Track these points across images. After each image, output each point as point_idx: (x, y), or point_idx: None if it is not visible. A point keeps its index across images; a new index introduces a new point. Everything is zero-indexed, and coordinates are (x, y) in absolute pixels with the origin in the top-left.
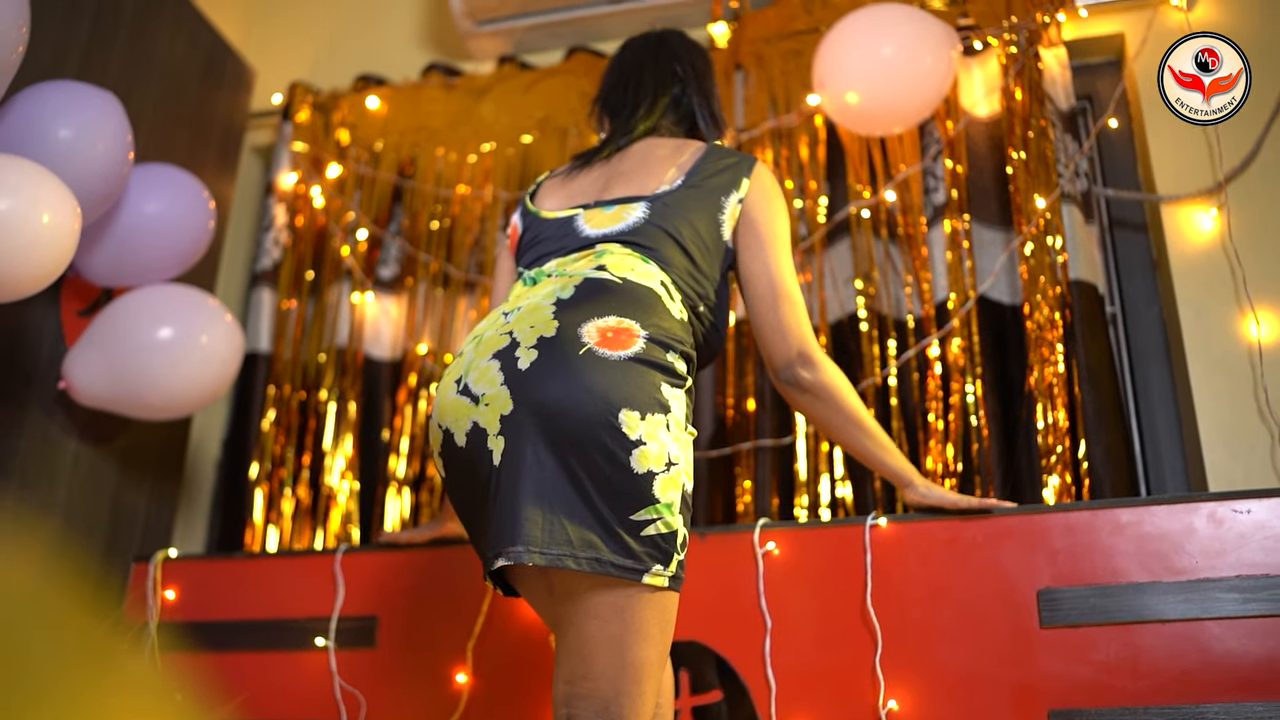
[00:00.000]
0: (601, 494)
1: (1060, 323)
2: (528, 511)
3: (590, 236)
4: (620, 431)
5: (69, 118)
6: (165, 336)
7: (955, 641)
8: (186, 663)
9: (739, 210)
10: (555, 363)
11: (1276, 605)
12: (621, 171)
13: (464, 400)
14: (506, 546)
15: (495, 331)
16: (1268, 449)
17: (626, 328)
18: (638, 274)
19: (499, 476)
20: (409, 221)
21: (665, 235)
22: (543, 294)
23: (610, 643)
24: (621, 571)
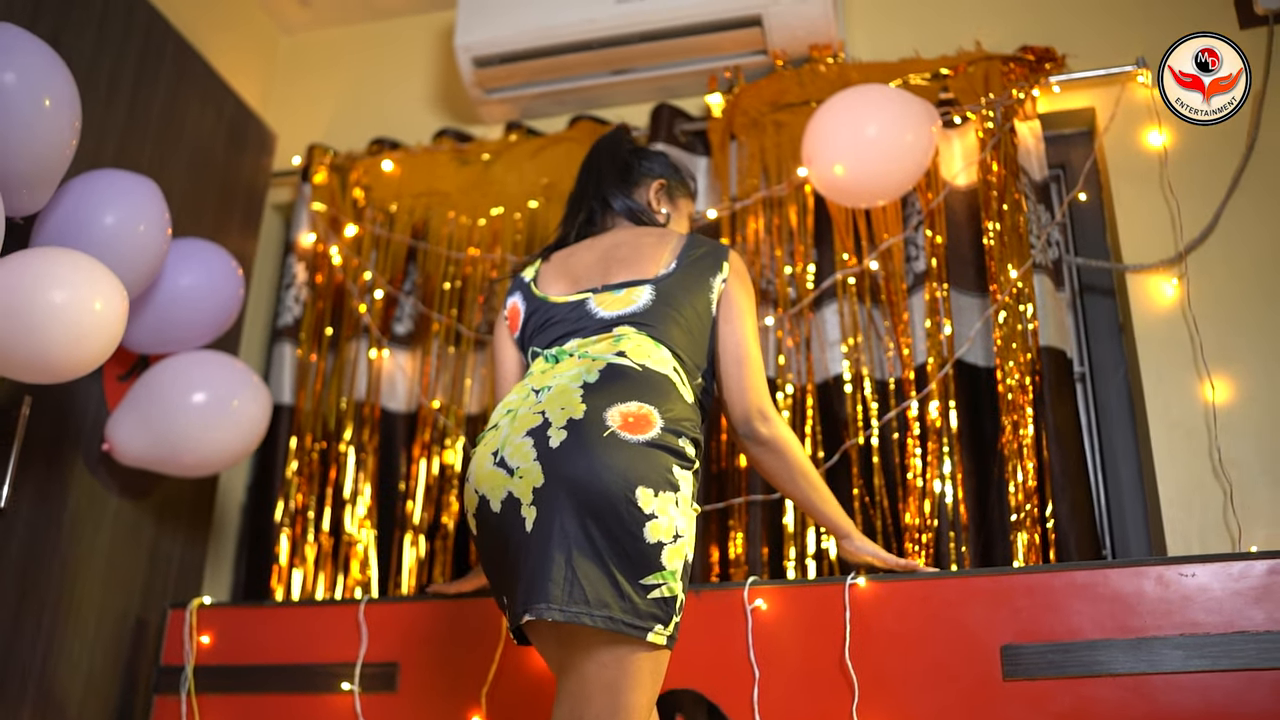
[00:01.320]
0: (617, 559)
1: (1030, 387)
2: (553, 574)
3: (605, 318)
4: (636, 506)
5: (112, 205)
6: (199, 401)
7: (925, 691)
8: (221, 704)
9: (722, 288)
10: (582, 442)
11: (1214, 662)
12: (619, 259)
13: (500, 472)
14: (534, 604)
15: (528, 410)
16: (1220, 506)
17: (645, 414)
18: (654, 361)
19: (530, 542)
20: (422, 280)
21: (670, 313)
22: (569, 375)
23: (607, 688)
24: (629, 629)
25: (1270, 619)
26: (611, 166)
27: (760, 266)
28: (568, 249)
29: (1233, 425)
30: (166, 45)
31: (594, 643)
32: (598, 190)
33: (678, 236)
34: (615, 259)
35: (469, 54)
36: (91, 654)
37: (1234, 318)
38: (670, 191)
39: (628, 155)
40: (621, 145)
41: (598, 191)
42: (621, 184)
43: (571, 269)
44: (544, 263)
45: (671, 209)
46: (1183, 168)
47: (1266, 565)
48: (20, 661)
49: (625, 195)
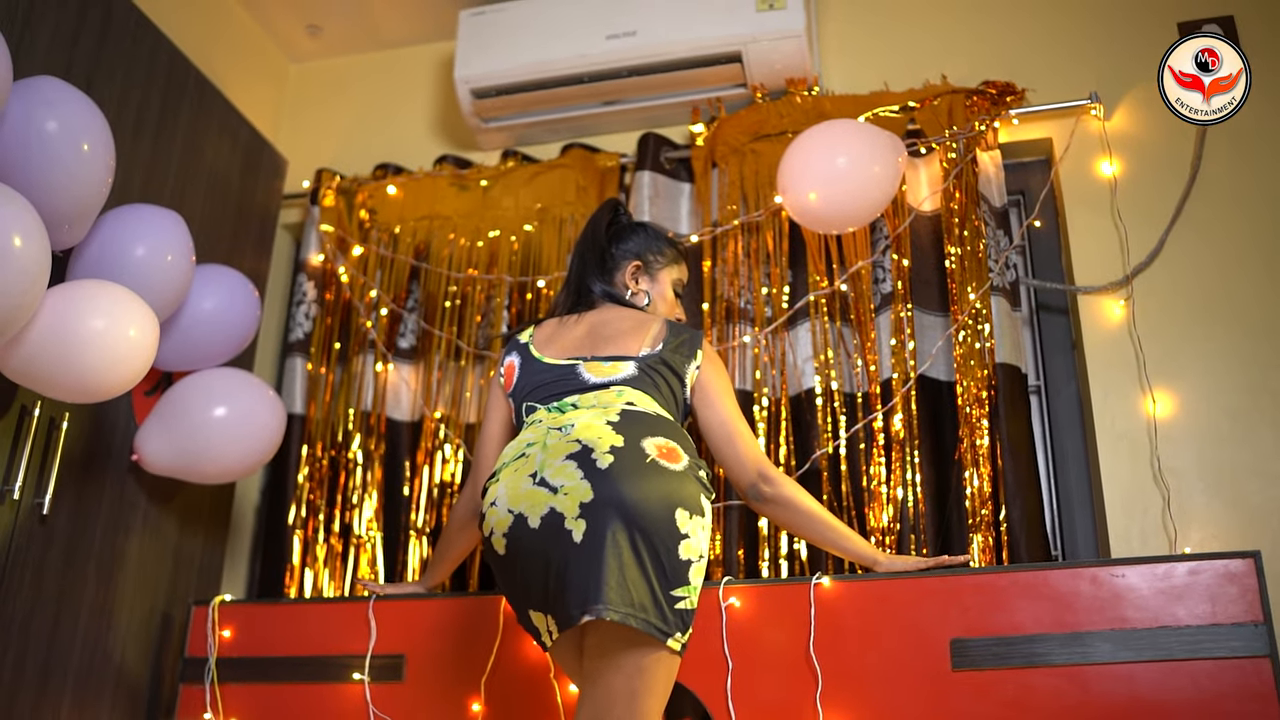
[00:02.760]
0: (657, 572)
1: (987, 400)
2: (608, 579)
3: (598, 382)
4: (676, 526)
5: (143, 238)
6: (220, 415)
7: (882, 681)
8: (243, 693)
9: (696, 375)
10: (630, 466)
11: (1140, 654)
12: (605, 336)
13: (541, 490)
14: (591, 605)
15: (559, 440)
16: (1159, 511)
17: (673, 448)
18: (659, 410)
19: (580, 551)
20: (424, 298)
21: (653, 384)
22: (589, 417)
23: (627, 695)
24: (659, 633)
25: (1191, 614)
26: (592, 254)
27: (739, 287)
28: (559, 320)
29: (1172, 436)
30: (187, 81)
31: (623, 647)
32: (580, 278)
33: (657, 324)
34: (601, 336)
35: (467, 86)
36: (124, 647)
37: (1175, 337)
38: (648, 268)
39: (605, 242)
40: (600, 231)
41: (581, 279)
42: (600, 272)
43: (561, 339)
44: (537, 329)
45: (650, 284)
46: (1131, 196)
47: (1187, 567)
48: (61, 655)
49: (605, 282)
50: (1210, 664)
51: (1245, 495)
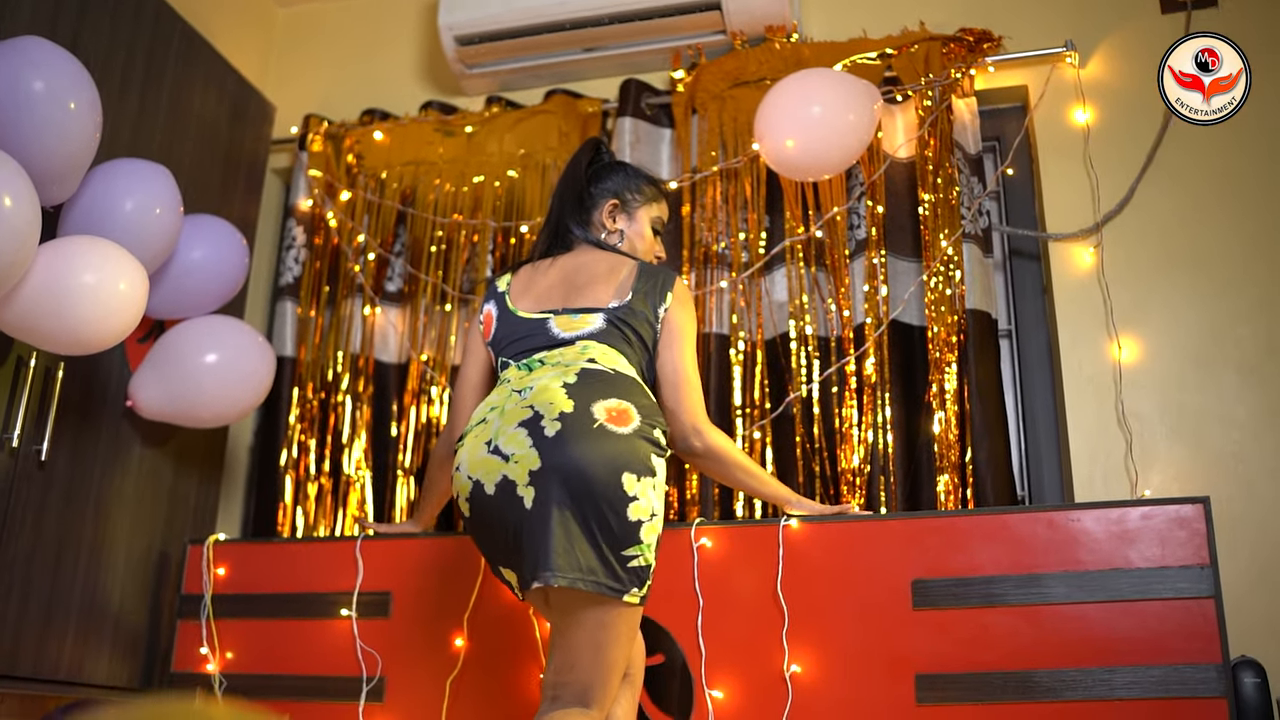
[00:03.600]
0: (604, 535)
1: (956, 345)
2: (555, 545)
3: (566, 337)
4: (622, 489)
5: (131, 192)
6: (211, 361)
7: (845, 619)
8: (237, 628)
9: (664, 315)
10: (575, 432)
11: (1092, 594)
12: (577, 285)
13: (494, 458)
14: (541, 572)
15: (515, 406)
16: (1122, 454)
17: (625, 409)
18: (620, 366)
19: (531, 517)
20: (411, 242)
21: (621, 335)
22: (548, 377)
23: (591, 646)
24: (612, 591)
25: (1141, 557)
26: (570, 193)
27: (717, 233)
28: (536, 266)
29: (1137, 382)
30: (174, 33)
31: (582, 605)
32: (559, 218)
33: (627, 269)
34: (574, 285)
35: (451, 33)
36: (122, 586)
37: (1142, 284)
38: (625, 206)
39: (584, 182)
40: (579, 171)
41: (559, 219)
42: (577, 212)
43: (535, 288)
44: (514, 276)
45: (627, 223)
46: (1104, 144)
47: (1140, 512)
48: (62, 594)
49: (581, 224)
50: (1159, 604)
51: (1205, 440)
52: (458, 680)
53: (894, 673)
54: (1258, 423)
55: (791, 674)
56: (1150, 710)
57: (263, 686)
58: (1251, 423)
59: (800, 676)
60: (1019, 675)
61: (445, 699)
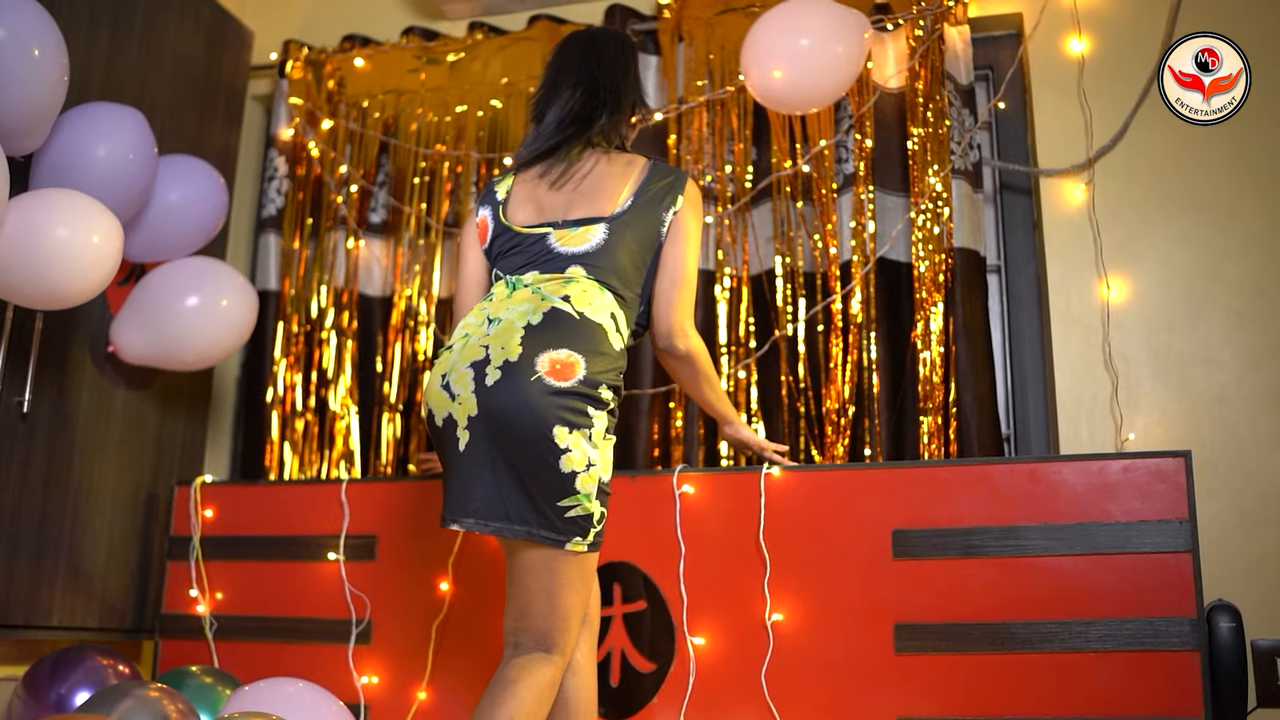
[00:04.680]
0: (536, 486)
1: (943, 284)
2: (478, 491)
3: (562, 254)
4: (553, 441)
5: (103, 139)
6: (192, 304)
7: (826, 568)
8: (226, 569)
9: (673, 217)
10: (511, 384)
11: (1070, 547)
12: (583, 191)
13: (444, 394)
14: (459, 516)
15: (478, 341)
16: (1108, 396)
17: (572, 362)
18: (593, 309)
19: (461, 460)
20: (394, 172)
21: (620, 249)
22: (518, 311)
23: (543, 592)
24: (548, 540)
25: (1121, 510)
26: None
27: (703, 165)
28: (538, 170)
29: (1124, 322)
30: None
31: (524, 552)
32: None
33: (641, 166)
34: (579, 192)
35: None
36: (111, 529)
37: (1133, 222)
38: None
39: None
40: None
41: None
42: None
43: (538, 197)
44: (516, 180)
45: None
46: (1098, 77)
47: (1121, 464)
48: (51, 541)
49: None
50: (1136, 558)
51: (1191, 382)
52: (444, 624)
53: (873, 622)
54: (1242, 366)
55: (773, 622)
56: (1125, 662)
57: (253, 628)
58: (1236, 365)
59: (781, 625)
60: (996, 626)
61: (431, 643)
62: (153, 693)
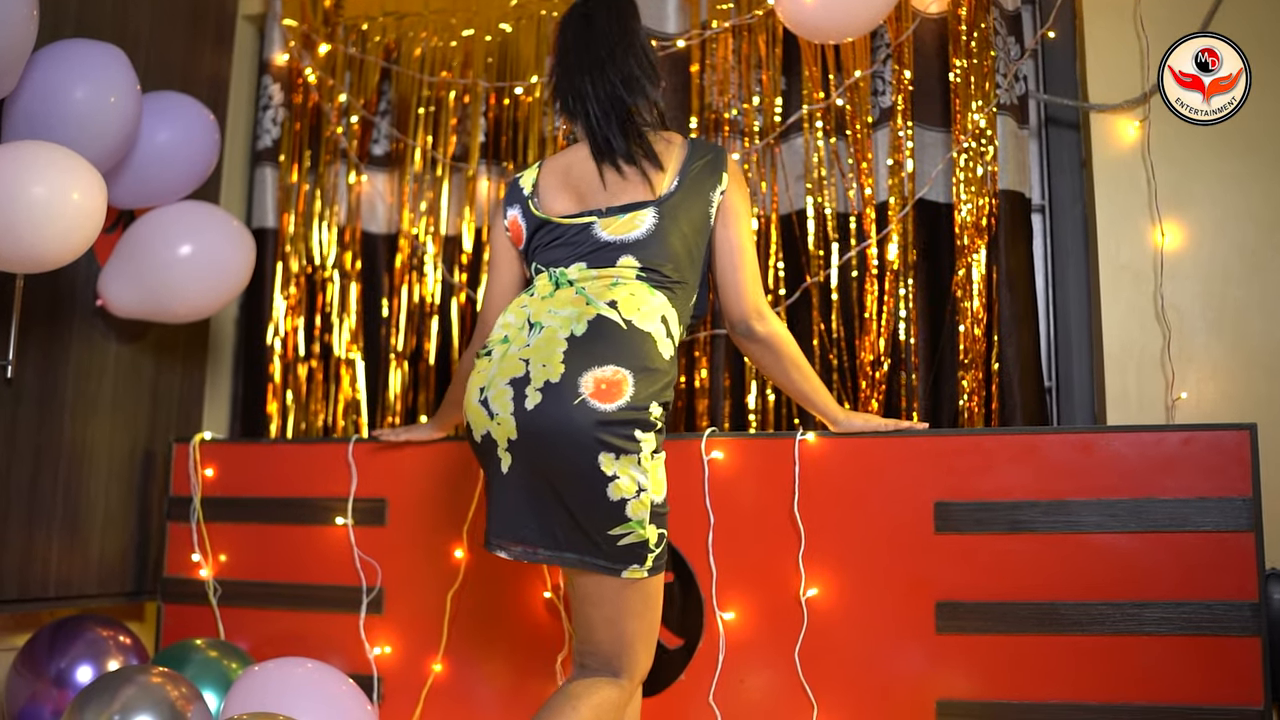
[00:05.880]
0: (584, 515)
1: (987, 229)
2: (526, 520)
3: (609, 242)
4: (599, 470)
5: (81, 80)
6: (185, 253)
7: (864, 541)
8: (229, 532)
9: (721, 199)
10: (553, 408)
11: (1124, 524)
12: (623, 173)
13: (483, 411)
14: (507, 542)
15: (518, 350)
16: (1158, 350)
17: (619, 380)
18: (642, 315)
19: (504, 482)
20: (396, 99)
21: (672, 233)
22: (560, 318)
23: (605, 621)
24: (603, 570)
25: (1179, 486)
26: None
27: (729, 97)
28: (566, 157)
29: (1178, 271)
30: None
31: (581, 578)
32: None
33: (680, 145)
34: (621, 174)
35: None
36: (107, 490)
37: (1191, 164)
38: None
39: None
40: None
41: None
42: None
43: (574, 183)
44: (541, 171)
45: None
46: (1156, 2)
47: (1180, 437)
48: (44, 508)
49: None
50: (1194, 536)
51: (1247, 336)
52: (459, 594)
53: (914, 599)
54: None
55: (807, 598)
56: (1180, 647)
57: (259, 594)
58: None
59: (816, 601)
60: (1044, 606)
61: (446, 613)
62: (155, 678)
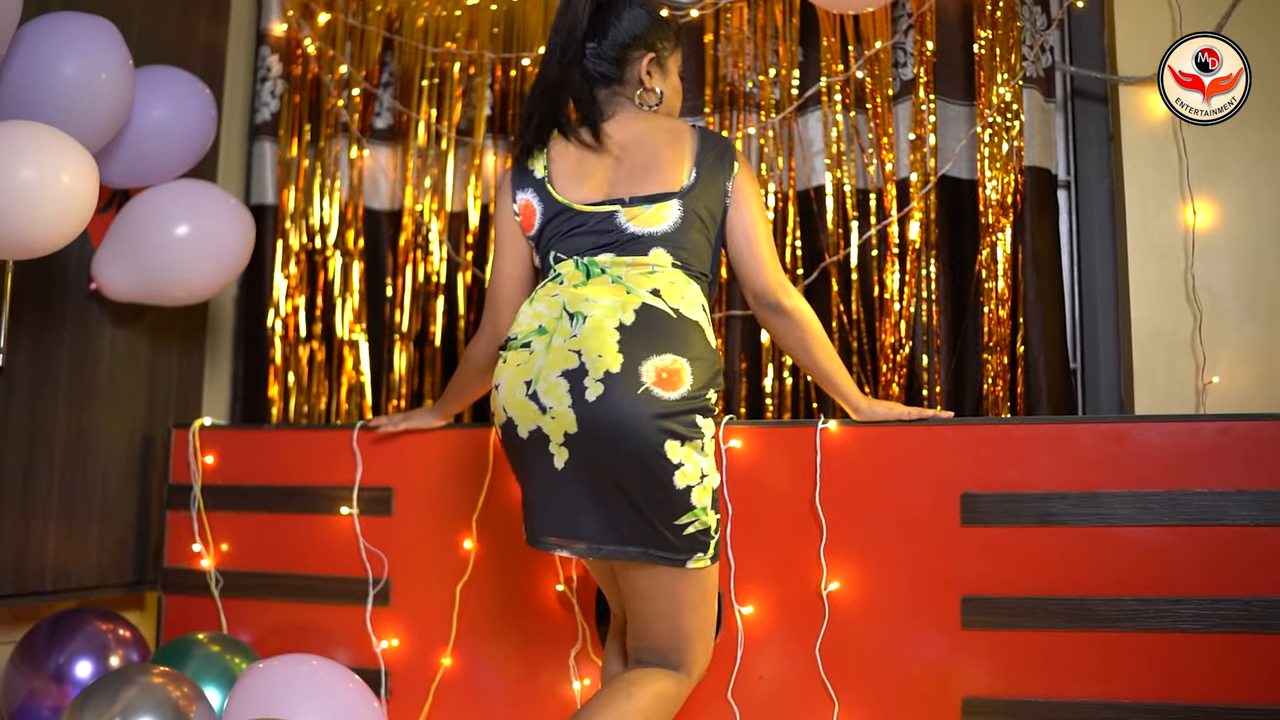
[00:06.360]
0: (649, 505)
1: (1012, 207)
2: (586, 514)
3: (638, 234)
4: (665, 458)
5: (71, 56)
6: (182, 234)
7: (888, 534)
8: (231, 520)
9: (732, 185)
10: (617, 400)
11: (1158, 517)
12: (640, 165)
13: (532, 405)
14: (567, 540)
15: (563, 342)
16: (1189, 332)
17: (677, 369)
18: (686, 304)
19: (561, 479)
20: (399, 71)
21: (695, 227)
22: (604, 306)
23: (662, 617)
24: (668, 561)
25: (1215, 478)
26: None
27: (744, 68)
28: (574, 141)
29: (1210, 251)
30: None
31: (638, 573)
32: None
33: (689, 135)
34: (638, 165)
35: None
36: (105, 478)
37: (1224, 139)
38: (659, 60)
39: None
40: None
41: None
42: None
43: (589, 169)
44: (549, 154)
45: (662, 79)
46: None
47: (1216, 426)
48: (40, 499)
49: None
50: (1232, 530)
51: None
52: (468, 586)
53: (939, 594)
54: None
55: (829, 592)
56: (1216, 645)
57: (262, 586)
58: None
59: (838, 595)
60: (1074, 602)
61: (456, 606)
62: (157, 678)
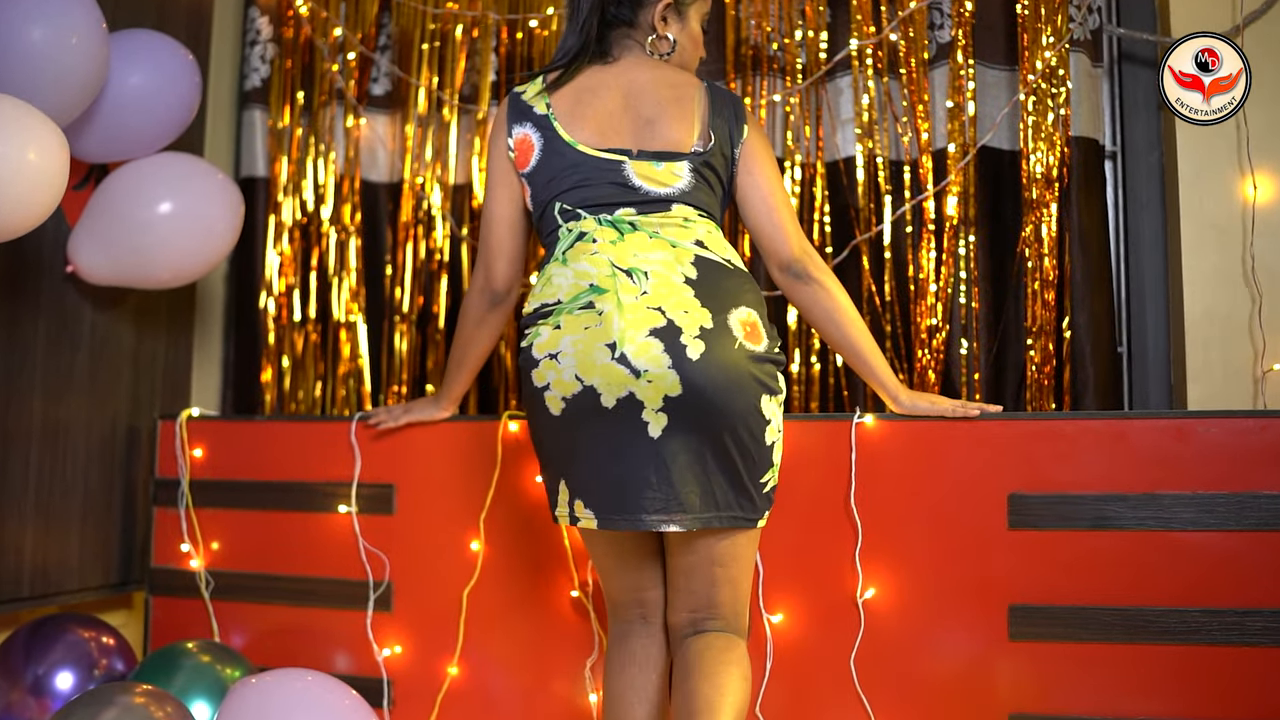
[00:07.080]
0: (745, 464)
1: (1057, 180)
2: (690, 483)
3: (651, 194)
4: (761, 414)
5: (39, 19)
6: (164, 212)
7: (929, 538)
8: (221, 518)
9: (742, 147)
10: (720, 358)
11: (1225, 521)
12: (647, 118)
13: (621, 369)
14: (674, 514)
15: (634, 300)
16: (1247, 316)
17: (755, 322)
18: (734, 256)
19: (658, 448)
20: (398, 33)
21: (703, 189)
22: (660, 261)
23: (729, 583)
24: (749, 523)
25: None
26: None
27: (768, 30)
28: (580, 81)
29: (1271, 228)
30: None
31: (714, 543)
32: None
33: (698, 92)
34: (641, 116)
35: None
36: (85, 473)
37: None
38: (678, 6)
39: None
40: None
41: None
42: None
43: (594, 113)
44: (552, 91)
45: (679, 27)
46: None
47: None
48: (14, 497)
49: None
50: None
51: None
52: (476, 590)
53: (984, 603)
54: None
55: (865, 600)
56: None
57: (255, 588)
58: None
59: (874, 603)
60: (1130, 612)
61: (462, 611)
62: (138, 698)
